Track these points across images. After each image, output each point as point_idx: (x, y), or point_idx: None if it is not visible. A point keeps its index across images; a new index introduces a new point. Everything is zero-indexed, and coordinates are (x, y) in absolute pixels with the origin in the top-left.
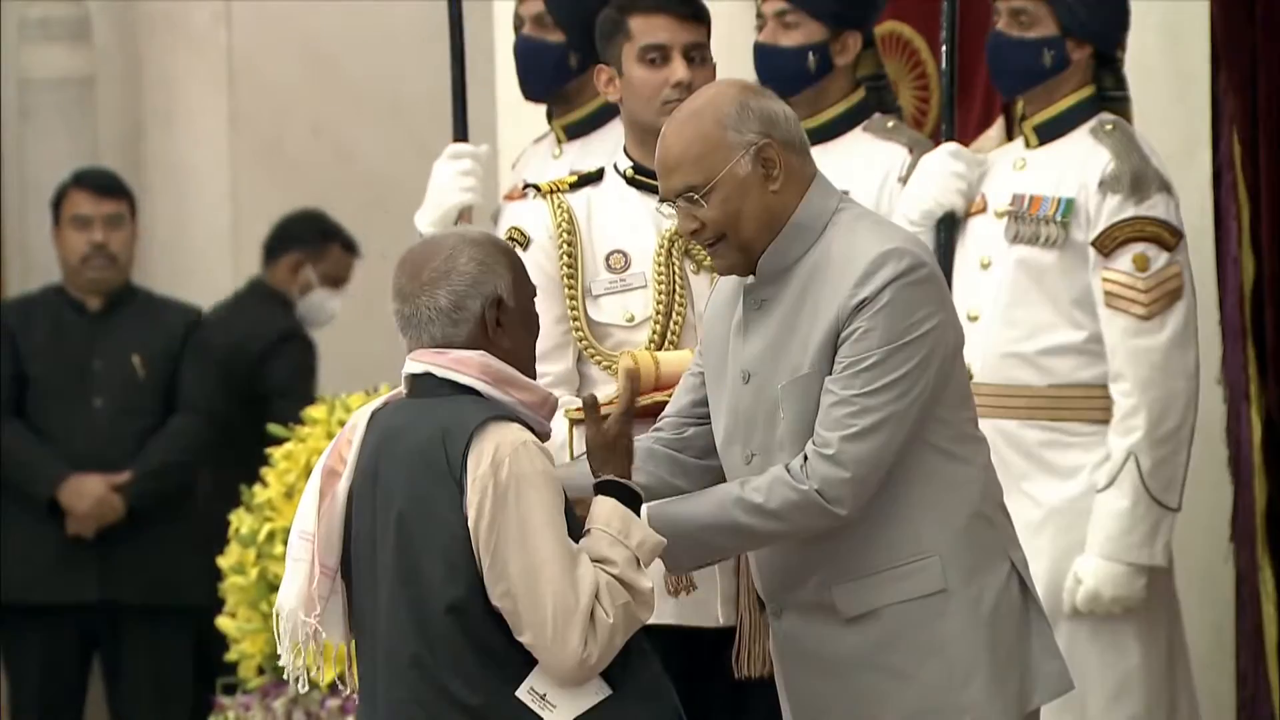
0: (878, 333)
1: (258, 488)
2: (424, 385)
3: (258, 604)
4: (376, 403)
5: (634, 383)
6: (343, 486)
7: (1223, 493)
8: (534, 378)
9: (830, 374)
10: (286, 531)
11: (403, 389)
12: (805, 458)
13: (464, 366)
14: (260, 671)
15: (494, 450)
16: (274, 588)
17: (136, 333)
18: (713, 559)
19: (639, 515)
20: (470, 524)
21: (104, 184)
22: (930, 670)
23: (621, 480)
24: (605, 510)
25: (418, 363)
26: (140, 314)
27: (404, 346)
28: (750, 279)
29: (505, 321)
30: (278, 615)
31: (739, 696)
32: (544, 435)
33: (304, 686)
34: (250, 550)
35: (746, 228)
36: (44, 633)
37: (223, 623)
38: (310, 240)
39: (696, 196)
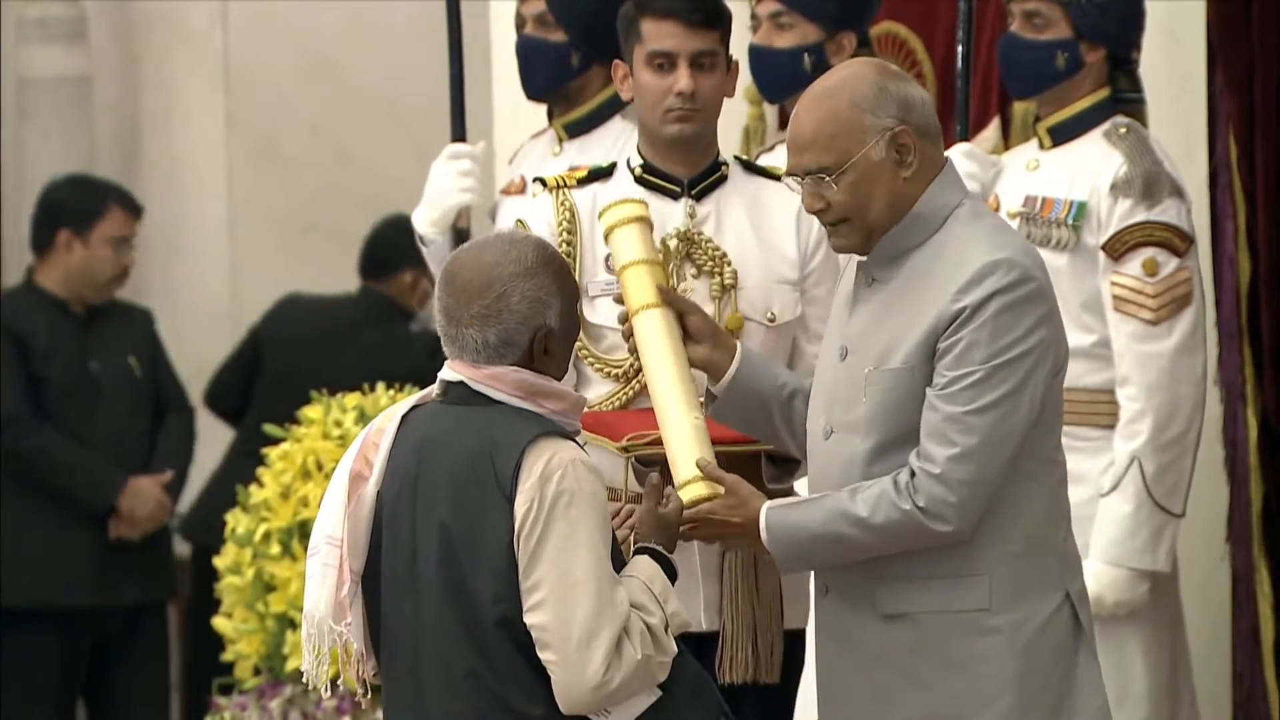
0: (981, 348)
1: (254, 488)
2: (459, 392)
3: (254, 604)
4: (404, 406)
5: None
6: (369, 491)
7: (1219, 493)
8: (565, 371)
9: (931, 381)
10: (283, 532)
11: (431, 390)
12: (912, 473)
13: (498, 383)
14: (256, 672)
15: (545, 464)
16: (270, 588)
17: (121, 335)
18: (823, 566)
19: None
20: (514, 534)
21: (138, 207)
22: (952, 685)
23: (663, 552)
24: (650, 568)
25: (454, 373)
26: (115, 317)
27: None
28: (864, 257)
29: (552, 347)
30: (308, 621)
31: (726, 701)
32: (575, 434)
33: (327, 692)
34: (246, 550)
35: (873, 213)
36: (64, 636)
37: (219, 623)
38: (416, 254)
39: (827, 178)
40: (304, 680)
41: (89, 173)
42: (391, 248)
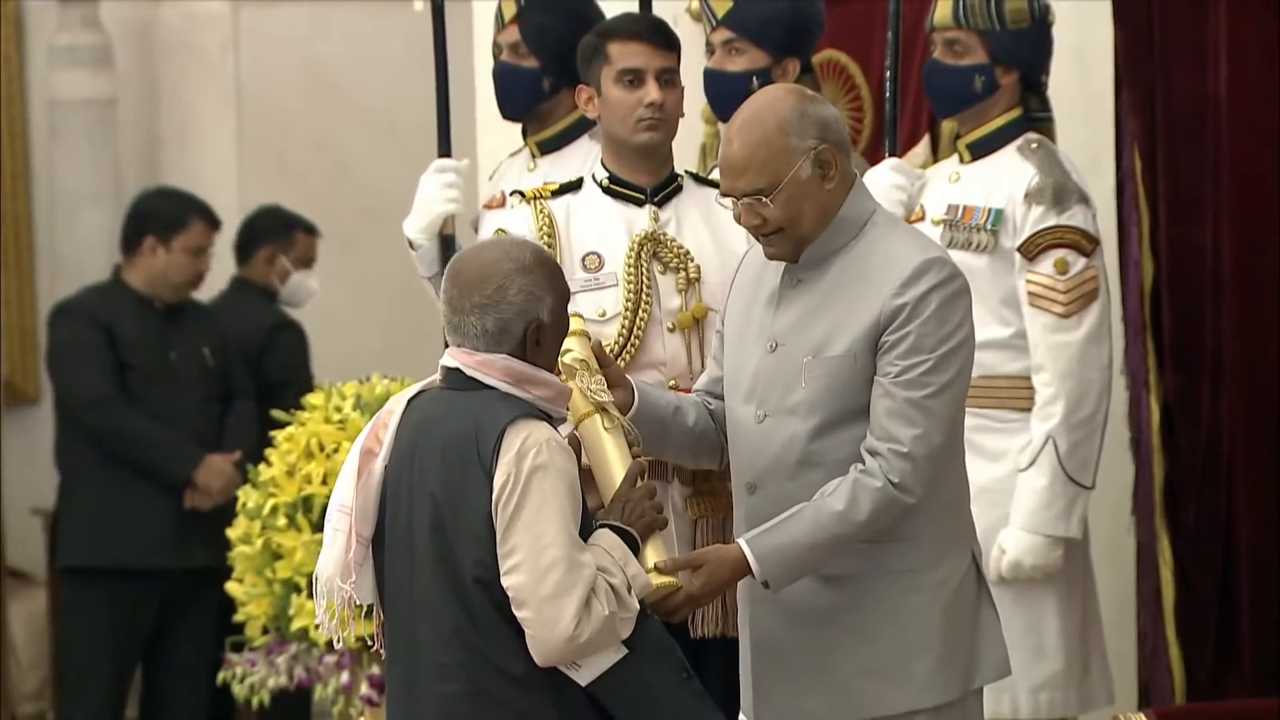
0: (929, 339)
1: (262, 466)
2: (455, 378)
3: (262, 571)
4: (412, 390)
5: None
6: (378, 465)
7: (1125, 471)
8: (555, 364)
9: (874, 369)
10: (288, 506)
11: (435, 378)
12: (875, 454)
13: (488, 369)
14: (265, 631)
15: (522, 442)
16: (277, 556)
17: (197, 329)
18: (813, 571)
19: (635, 555)
20: (492, 504)
21: (217, 221)
22: (889, 637)
23: (623, 527)
24: (609, 538)
25: (451, 359)
26: (191, 313)
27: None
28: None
29: (543, 340)
30: (317, 579)
31: (697, 653)
32: (560, 420)
33: (338, 642)
34: (256, 523)
35: (805, 224)
36: (134, 596)
37: (231, 587)
38: (277, 231)
39: (764, 199)
40: (310, 634)
41: (175, 187)
42: (248, 232)
